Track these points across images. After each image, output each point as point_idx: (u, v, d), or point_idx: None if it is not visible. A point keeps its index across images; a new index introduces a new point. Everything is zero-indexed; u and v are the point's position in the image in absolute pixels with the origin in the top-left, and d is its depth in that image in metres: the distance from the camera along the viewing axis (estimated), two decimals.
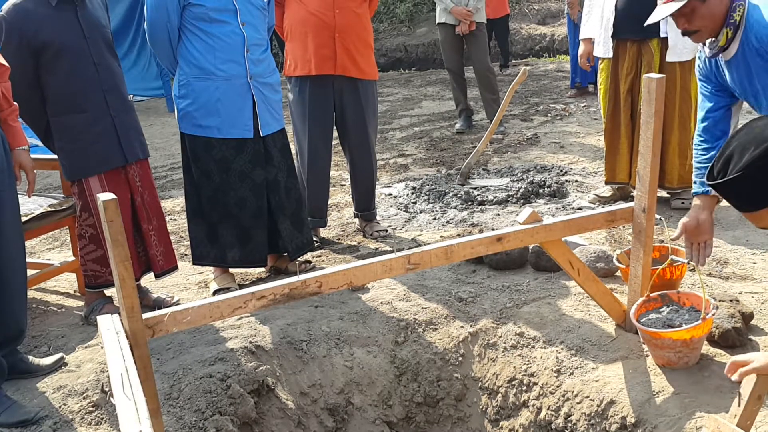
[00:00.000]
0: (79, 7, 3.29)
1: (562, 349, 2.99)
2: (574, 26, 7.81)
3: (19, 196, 3.07)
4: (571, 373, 2.87)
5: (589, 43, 4.65)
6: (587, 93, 7.97)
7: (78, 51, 3.27)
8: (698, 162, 2.81)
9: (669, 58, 4.19)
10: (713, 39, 2.60)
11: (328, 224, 4.51)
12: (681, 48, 4.13)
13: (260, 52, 3.58)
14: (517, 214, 4.44)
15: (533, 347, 3.07)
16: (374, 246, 4.29)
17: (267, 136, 3.63)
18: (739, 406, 2.00)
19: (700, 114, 2.84)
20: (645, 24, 2.74)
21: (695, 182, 2.80)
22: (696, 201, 2.78)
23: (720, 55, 2.63)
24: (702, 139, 2.82)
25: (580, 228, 2.92)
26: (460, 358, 3.21)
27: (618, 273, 3.47)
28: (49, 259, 4.33)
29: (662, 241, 3.64)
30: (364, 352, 3.23)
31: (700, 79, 2.83)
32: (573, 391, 2.81)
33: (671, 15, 2.54)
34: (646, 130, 2.77)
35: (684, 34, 2.63)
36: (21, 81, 3.16)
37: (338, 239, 4.46)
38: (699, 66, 2.81)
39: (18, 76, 3.11)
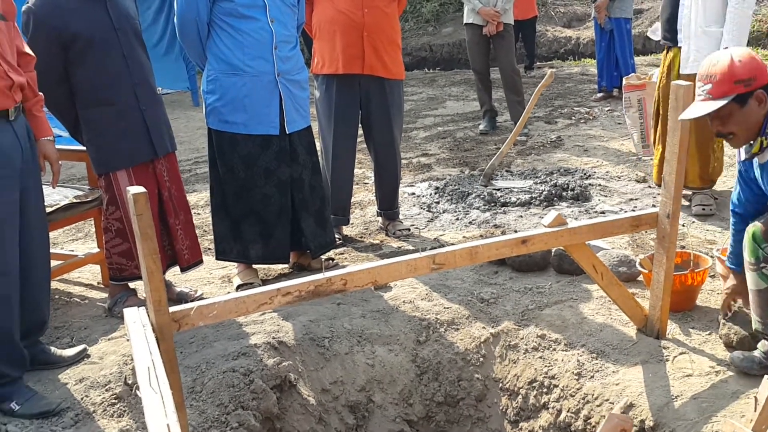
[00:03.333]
0: None
1: (583, 352, 2.99)
2: (601, 30, 7.76)
3: (43, 186, 3.09)
4: (592, 376, 2.87)
5: None
6: (612, 97, 7.91)
7: (107, 43, 3.26)
8: (732, 243, 2.85)
9: (682, 69, 4.16)
10: (748, 144, 2.60)
11: (350, 222, 4.52)
12: (693, 61, 4.08)
13: (288, 49, 3.60)
14: (541, 217, 4.45)
15: (554, 350, 3.06)
16: (396, 245, 4.30)
17: (293, 133, 3.65)
18: (755, 410, 2.00)
19: (735, 195, 2.84)
20: (679, 118, 2.71)
21: (730, 257, 2.87)
22: (733, 277, 2.87)
23: (755, 157, 2.63)
24: (734, 221, 2.84)
25: (605, 232, 2.92)
26: (482, 359, 3.21)
27: (640, 278, 3.45)
28: (72, 250, 4.37)
29: (684, 247, 3.62)
30: (386, 351, 3.24)
31: (738, 172, 2.82)
32: (593, 394, 2.81)
33: (707, 116, 2.53)
34: (672, 136, 2.76)
35: (718, 135, 2.63)
36: (50, 74, 3.16)
37: (361, 237, 4.47)
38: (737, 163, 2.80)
39: (47, 69, 3.12)
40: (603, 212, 4.59)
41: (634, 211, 4.43)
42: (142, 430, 2.64)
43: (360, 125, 4.33)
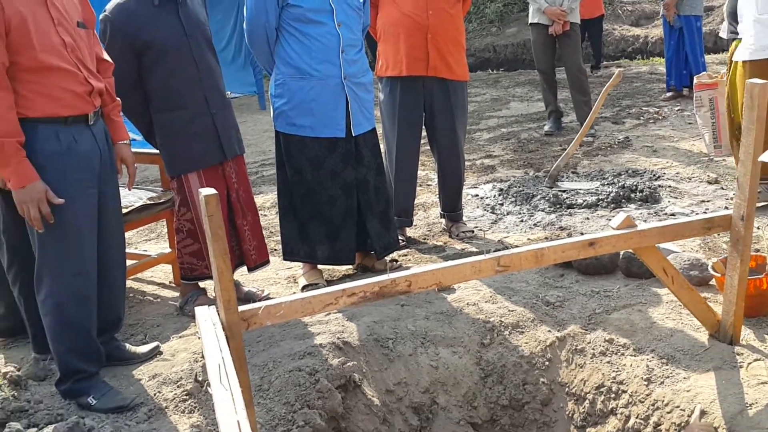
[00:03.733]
0: (181, 6, 3.36)
1: (652, 357, 2.92)
2: (670, 28, 7.57)
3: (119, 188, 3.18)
4: (662, 382, 2.81)
5: None
6: (682, 96, 7.70)
7: (179, 49, 3.34)
8: None
9: (735, 56, 4.23)
10: None
11: (414, 224, 4.53)
12: (745, 49, 4.07)
13: (355, 53, 3.63)
14: (608, 219, 4.37)
15: (623, 354, 3.01)
16: (460, 247, 4.29)
17: (359, 135, 3.68)
18: None
19: None
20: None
21: None
22: None
23: None
24: None
25: (676, 235, 2.84)
26: (547, 363, 3.17)
27: (712, 282, 3.36)
28: (145, 250, 4.51)
29: (758, 251, 3.50)
30: (450, 353, 3.24)
31: None
32: (663, 401, 2.75)
33: None
34: (747, 136, 2.67)
35: None
36: (125, 80, 3.26)
37: (424, 239, 4.47)
38: None
39: (122, 75, 3.21)
40: (673, 214, 4.47)
41: (705, 213, 4.31)
42: (213, 427, 2.71)
43: (424, 127, 4.34)
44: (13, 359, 3.31)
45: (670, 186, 5.03)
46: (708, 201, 4.69)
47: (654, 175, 5.31)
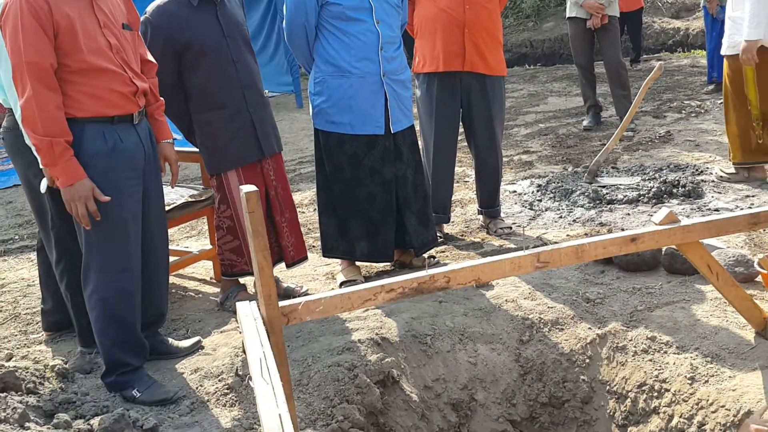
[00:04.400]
0: (219, 7, 3.40)
1: (696, 355, 2.87)
2: (712, 20, 7.43)
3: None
4: (706, 381, 2.76)
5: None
6: None
7: (218, 50, 3.38)
8: None
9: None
10: None
11: (451, 220, 4.52)
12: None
13: (393, 50, 3.64)
14: (650, 215, 4.31)
15: (665, 352, 2.96)
16: (498, 243, 4.26)
17: (397, 132, 3.69)
18: None
19: None
20: None
21: None
22: None
23: None
24: None
25: (721, 230, 2.79)
26: (587, 360, 3.14)
27: (758, 278, 3.29)
28: (187, 247, 4.58)
29: None
30: (488, 349, 3.23)
31: None
32: (708, 400, 2.70)
33: None
34: None
35: None
36: (165, 80, 3.30)
37: (462, 235, 4.46)
38: None
39: (162, 76, 3.26)
40: (717, 210, 4.39)
41: (750, 208, 4.22)
42: (253, 420, 2.74)
43: (461, 123, 4.32)
44: (61, 353, 3.40)
45: (713, 181, 4.94)
46: (753, 196, 4.59)
47: (697, 170, 5.22)
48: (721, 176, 4.96)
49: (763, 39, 4.41)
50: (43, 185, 2.95)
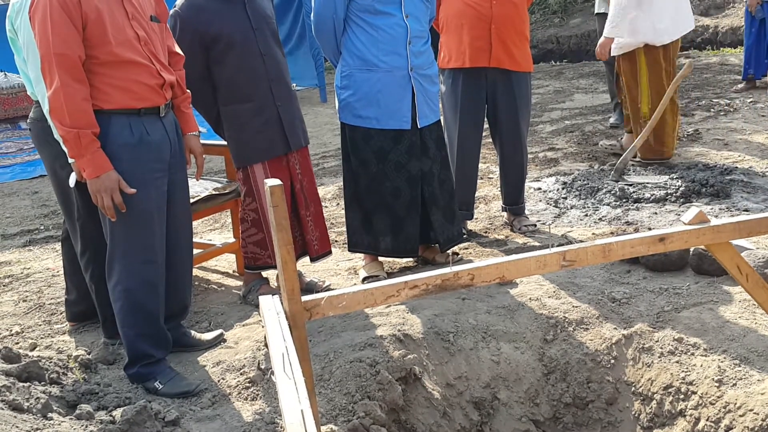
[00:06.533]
0: (248, 0, 3.41)
1: (724, 357, 2.83)
2: (752, 17, 7.33)
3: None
4: (734, 384, 2.71)
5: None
6: (755, 88, 7.43)
7: (246, 43, 3.38)
8: None
9: None
10: None
11: (475, 217, 4.49)
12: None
13: (421, 44, 3.61)
14: (678, 214, 4.24)
15: (693, 354, 2.91)
16: (522, 241, 4.23)
17: (424, 127, 3.66)
18: None
19: None
20: None
21: None
22: None
23: None
24: None
25: (752, 231, 2.72)
26: (613, 361, 3.10)
27: None
28: (210, 240, 4.59)
29: None
30: (512, 348, 3.20)
31: None
32: (735, 403, 2.65)
33: None
34: None
35: None
36: (193, 73, 3.32)
37: (485, 232, 4.43)
38: None
39: (191, 69, 3.27)
40: (746, 210, 4.32)
41: None
42: (274, 414, 2.73)
43: (486, 119, 4.28)
44: (84, 343, 3.42)
45: (742, 181, 4.86)
46: None
47: (725, 169, 5.13)
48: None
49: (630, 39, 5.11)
50: (72, 180, 2.96)
